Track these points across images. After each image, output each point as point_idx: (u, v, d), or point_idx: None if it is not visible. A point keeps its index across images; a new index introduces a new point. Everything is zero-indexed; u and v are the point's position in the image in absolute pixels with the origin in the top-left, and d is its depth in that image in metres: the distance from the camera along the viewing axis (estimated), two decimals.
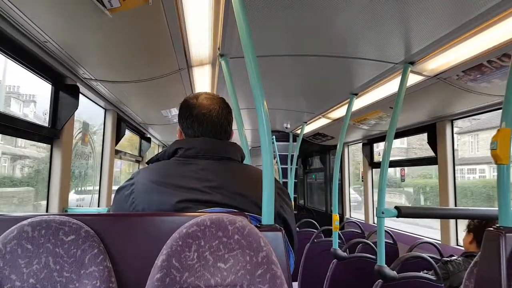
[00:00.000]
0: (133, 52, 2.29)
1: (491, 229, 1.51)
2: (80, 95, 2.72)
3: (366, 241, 3.26)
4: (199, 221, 1.03)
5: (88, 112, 3.28)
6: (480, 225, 2.43)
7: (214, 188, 1.25)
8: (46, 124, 2.54)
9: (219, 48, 2.28)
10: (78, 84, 2.64)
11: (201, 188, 1.24)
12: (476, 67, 2.27)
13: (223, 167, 1.33)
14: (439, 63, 2.33)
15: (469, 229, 2.51)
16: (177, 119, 1.50)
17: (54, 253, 1.02)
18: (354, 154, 6.42)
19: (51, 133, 2.53)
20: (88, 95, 3.09)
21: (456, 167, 3.57)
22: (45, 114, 2.56)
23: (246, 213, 1.21)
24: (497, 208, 1.57)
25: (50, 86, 2.56)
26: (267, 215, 1.21)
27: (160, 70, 2.66)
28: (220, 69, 2.60)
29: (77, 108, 2.62)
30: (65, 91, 2.58)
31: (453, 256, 2.50)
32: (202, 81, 3.08)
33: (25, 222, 1.03)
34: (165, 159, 1.37)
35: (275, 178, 1.36)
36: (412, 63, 2.36)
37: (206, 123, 1.39)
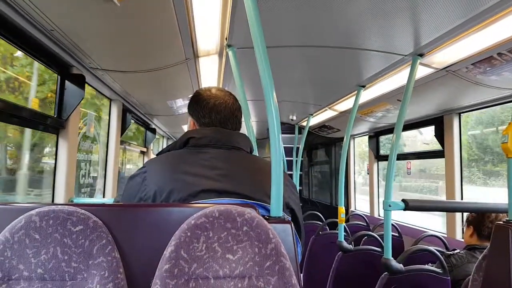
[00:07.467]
0: (140, 41, 2.27)
1: (501, 223, 1.51)
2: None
3: (372, 233, 3.25)
4: (208, 213, 1.03)
5: None
6: (479, 218, 2.41)
7: (224, 176, 1.27)
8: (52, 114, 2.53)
9: (226, 38, 2.26)
10: (84, 74, 2.63)
11: (213, 176, 1.26)
12: (486, 60, 2.24)
13: (233, 156, 1.36)
14: (448, 55, 2.31)
15: (469, 222, 2.49)
16: (182, 110, 1.53)
17: (62, 243, 1.01)
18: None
19: (56, 123, 2.53)
20: (94, 85, 3.07)
21: None
22: None
23: (254, 202, 1.23)
24: (506, 202, 1.56)
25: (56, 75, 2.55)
26: (276, 207, 1.20)
27: (167, 60, 2.64)
28: (227, 59, 2.58)
29: (83, 98, 2.60)
30: (71, 80, 2.57)
31: (456, 249, 2.49)
32: (209, 72, 3.06)
33: (33, 212, 1.02)
34: (176, 149, 1.39)
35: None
36: (421, 55, 2.33)
37: (224, 111, 1.44)
